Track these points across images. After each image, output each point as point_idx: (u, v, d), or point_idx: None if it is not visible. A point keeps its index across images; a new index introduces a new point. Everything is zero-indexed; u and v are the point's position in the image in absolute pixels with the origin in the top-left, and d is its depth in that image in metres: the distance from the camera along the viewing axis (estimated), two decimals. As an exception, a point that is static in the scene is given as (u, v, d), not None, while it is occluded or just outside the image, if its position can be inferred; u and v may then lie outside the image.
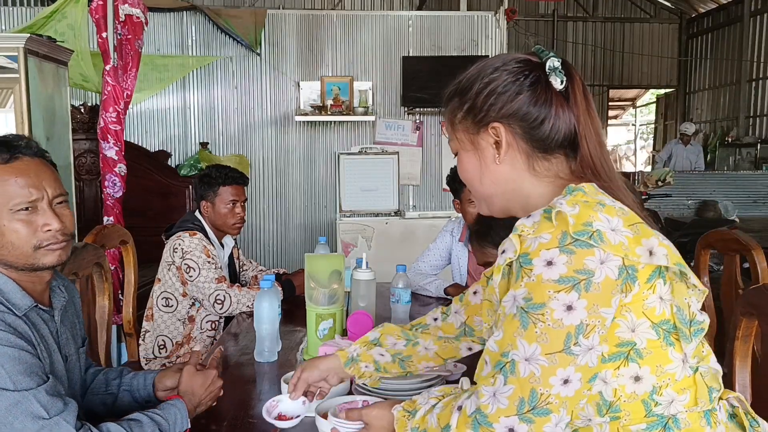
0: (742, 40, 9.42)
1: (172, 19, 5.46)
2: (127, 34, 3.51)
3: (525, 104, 1.03)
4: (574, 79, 1.04)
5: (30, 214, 1.26)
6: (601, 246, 0.88)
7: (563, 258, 0.88)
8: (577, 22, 10.53)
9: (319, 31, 5.57)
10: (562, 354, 0.89)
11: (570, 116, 1.03)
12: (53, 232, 1.28)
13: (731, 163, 9.05)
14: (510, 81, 1.04)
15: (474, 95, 1.09)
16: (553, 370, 0.89)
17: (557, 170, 1.05)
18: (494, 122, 1.05)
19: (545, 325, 0.89)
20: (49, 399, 1.16)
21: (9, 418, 1.13)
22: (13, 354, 1.16)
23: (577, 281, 0.88)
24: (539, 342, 0.89)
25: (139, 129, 5.53)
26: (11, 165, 1.26)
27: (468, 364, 1.80)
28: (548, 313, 0.88)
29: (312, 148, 5.65)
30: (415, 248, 5.08)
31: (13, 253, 1.25)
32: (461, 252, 2.91)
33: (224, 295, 2.46)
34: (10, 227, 1.24)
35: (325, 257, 2.09)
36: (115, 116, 3.46)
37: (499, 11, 5.59)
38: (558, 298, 0.88)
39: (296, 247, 5.65)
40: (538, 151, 1.04)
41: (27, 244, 1.26)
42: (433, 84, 5.44)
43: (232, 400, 1.61)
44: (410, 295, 2.22)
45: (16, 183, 1.25)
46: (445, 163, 5.60)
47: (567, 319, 0.88)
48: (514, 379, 0.90)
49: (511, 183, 1.06)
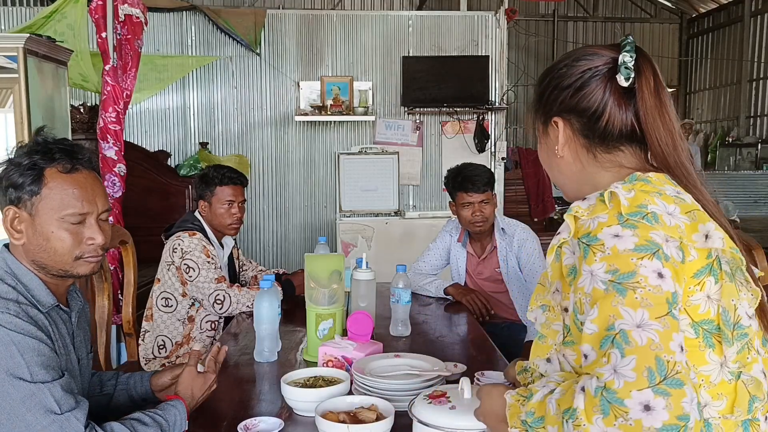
0: (742, 40, 9.41)
1: (171, 19, 5.46)
2: (126, 34, 3.51)
3: (583, 100, 1.04)
4: (643, 75, 1.02)
5: (78, 225, 1.30)
6: (657, 226, 0.89)
7: (628, 231, 0.88)
8: (577, 22, 10.52)
9: (319, 31, 5.56)
10: (670, 318, 0.84)
11: (629, 113, 1.03)
12: (95, 246, 1.33)
13: (732, 163, 9.05)
14: (576, 76, 1.06)
15: (543, 88, 1.11)
16: (669, 335, 0.83)
17: (622, 161, 1.06)
18: (555, 117, 1.08)
19: (645, 290, 0.85)
20: (63, 395, 1.18)
21: (22, 409, 1.15)
22: (33, 345, 1.19)
23: (654, 249, 0.87)
24: (644, 307, 0.84)
25: (138, 129, 5.53)
26: (71, 175, 1.30)
27: (468, 364, 1.80)
28: (643, 280, 0.85)
29: (312, 148, 5.65)
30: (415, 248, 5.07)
31: (53, 259, 1.30)
32: (460, 252, 2.91)
33: (224, 295, 2.46)
34: (58, 234, 1.29)
35: (325, 257, 2.09)
36: (115, 116, 3.46)
37: (499, 11, 5.58)
38: (645, 265, 0.86)
39: (296, 247, 5.65)
40: (597, 145, 1.06)
41: (69, 254, 1.30)
42: (433, 84, 5.45)
43: (232, 400, 1.61)
44: (410, 295, 2.22)
45: (72, 194, 1.29)
46: (445, 163, 5.59)
47: (664, 285, 0.85)
48: (631, 349, 0.82)
49: (577, 173, 1.09)
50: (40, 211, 1.27)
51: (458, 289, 2.76)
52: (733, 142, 9.30)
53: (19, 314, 1.21)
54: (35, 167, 1.27)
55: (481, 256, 2.86)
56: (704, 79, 10.58)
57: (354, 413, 1.34)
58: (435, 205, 5.69)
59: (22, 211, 1.28)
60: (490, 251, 2.83)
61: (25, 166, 1.27)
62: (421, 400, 1.22)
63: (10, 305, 1.22)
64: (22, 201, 1.27)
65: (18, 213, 1.28)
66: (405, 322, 2.20)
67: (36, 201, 1.27)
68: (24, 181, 1.26)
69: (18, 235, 1.29)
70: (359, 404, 1.39)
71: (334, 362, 1.72)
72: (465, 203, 2.73)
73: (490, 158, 5.61)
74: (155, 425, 1.27)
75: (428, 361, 1.66)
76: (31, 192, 1.27)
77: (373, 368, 1.60)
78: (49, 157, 1.28)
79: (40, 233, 1.28)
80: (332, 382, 1.56)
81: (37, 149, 1.29)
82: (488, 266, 2.85)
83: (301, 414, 1.50)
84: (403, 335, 2.18)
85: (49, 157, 1.28)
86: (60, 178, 1.28)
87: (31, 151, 1.28)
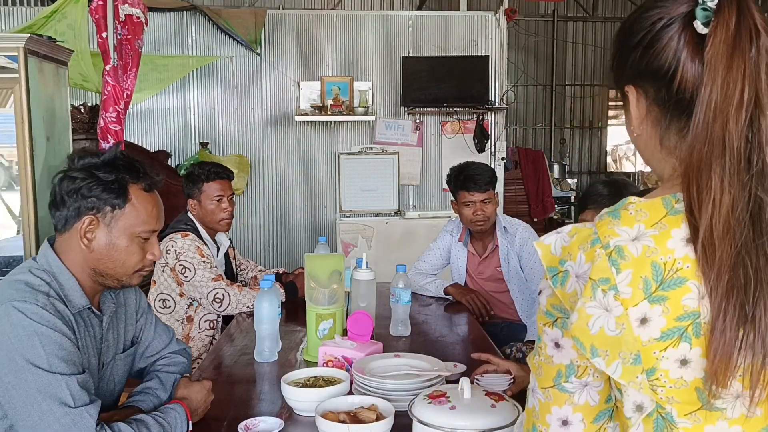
0: (742, 40, 9.42)
1: (172, 19, 5.46)
2: (127, 34, 3.51)
3: (655, 59, 0.79)
4: (722, 14, 0.74)
5: (144, 241, 1.39)
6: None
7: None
8: (577, 22, 10.52)
9: (319, 31, 5.56)
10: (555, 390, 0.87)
11: (698, 68, 0.76)
12: (152, 260, 1.42)
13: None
14: (646, 30, 0.80)
15: (614, 49, 0.88)
16: (547, 407, 0.87)
17: (680, 154, 0.80)
18: (627, 84, 0.85)
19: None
20: (79, 390, 1.20)
21: (38, 398, 1.17)
22: (55, 338, 1.22)
23: (556, 317, 0.83)
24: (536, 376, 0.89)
25: (139, 129, 5.53)
26: (150, 194, 1.40)
27: (468, 364, 1.80)
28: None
29: (312, 148, 5.65)
30: (415, 248, 5.08)
31: (117, 269, 1.37)
32: (460, 252, 2.92)
33: (223, 294, 2.46)
34: (131, 248, 1.37)
35: (325, 257, 2.09)
36: (115, 116, 3.46)
37: (499, 11, 5.58)
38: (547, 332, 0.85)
39: (296, 247, 5.65)
40: (674, 118, 0.81)
41: (133, 266, 1.38)
42: (433, 84, 5.45)
43: (232, 400, 1.61)
44: (410, 295, 2.22)
45: (150, 212, 1.39)
46: (445, 163, 5.59)
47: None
48: (527, 408, 0.87)
49: (649, 154, 0.88)
50: (119, 224, 1.35)
51: (458, 289, 2.76)
52: (733, 142, 9.30)
53: (47, 306, 1.24)
54: (121, 182, 1.35)
55: (482, 255, 2.87)
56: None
57: (354, 413, 1.35)
58: (435, 205, 5.69)
59: (99, 222, 1.34)
60: (492, 250, 2.83)
61: (111, 180, 1.33)
62: (421, 400, 1.23)
63: (40, 297, 1.26)
64: (102, 212, 1.34)
65: (95, 222, 1.34)
66: (405, 322, 2.21)
67: (117, 214, 1.35)
68: (109, 195, 1.33)
69: (86, 242, 1.34)
70: (359, 404, 1.39)
71: (334, 362, 1.72)
72: (467, 202, 2.74)
73: (490, 158, 5.61)
74: (158, 427, 1.29)
75: (428, 361, 1.67)
76: (115, 205, 1.34)
77: (373, 368, 1.61)
78: (135, 175, 1.37)
79: (113, 244, 1.35)
80: (332, 382, 1.56)
81: (122, 165, 1.36)
82: (489, 265, 2.86)
83: (301, 414, 1.50)
84: (403, 335, 2.19)
85: (134, 175, 1.37)
86: (142, 196, 1.37)
87: (118, 166, 1.35)
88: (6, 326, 1.20)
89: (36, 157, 3.17)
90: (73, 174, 1.34)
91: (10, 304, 1.22)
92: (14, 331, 1.20)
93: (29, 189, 3.13)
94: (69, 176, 1.34)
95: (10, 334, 1.20)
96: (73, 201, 1.33)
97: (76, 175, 1.33)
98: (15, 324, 1.20)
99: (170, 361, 1.59)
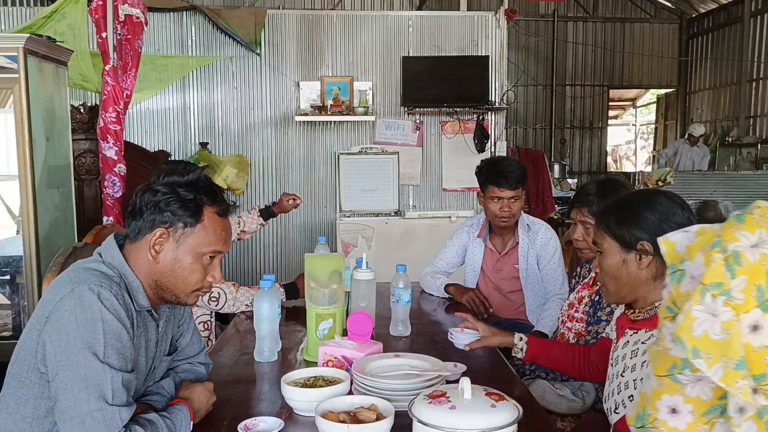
0: (742, 40, 9.41)
1: (172, 19, 5.46)
2: (126, 34, 3.51)
3: None
4: None
5: (208, 263, 1.43)
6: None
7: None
8: (577, 22, 10.52)
9: (319, 31, 5.56)
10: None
11: None
12: (212, 282, 1.45)
13: (731, 164, 9.04)
14: None
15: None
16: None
17: None
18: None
19: None
20: (121, 388, 1.23)
21: (81, 384, 1.20)
22: (117, 329, 1.26)
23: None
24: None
25: (139, 129, 5.53)
26: (222, 219, 1.45)
27: (468, 364, 1.80)
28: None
29: (312, 148, 5.64)
30: (415, 248, 5.10)
31: (177, 285, 1.41)
32: (477, 248, 2.91)
33: (218, 292, 2.44)
34: (194, 266, 1.41)
35: (325, 257, 2.09)
36: (115, 116, 3.46)
37: (499, 11, 5.58)
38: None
39: (296, 247, 5.65)
40: None
41: (193, 285, 1.43)
42: (433, 84, 5.44)
43: (232, 400, 1.61)
44: (410, 295, 2.22)
45: (219, 235, 1.43)
46: (445, 163, 5.59)
47: None
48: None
49: None
50: (187, 242, 1.39)
51: (458, 289, 2.76)
52: (733, 142, 9.30)
53: (117, 296, 1.29)
54: (198, 203, 1.40)
55: (501, 251, 2.87)
56: (704, 79, 10.57)
57: (354, 413, 1.34)
58: (435, 205, 5.69)
59: (170, 236, 1.38)
60: (512, 247, 2.84)
61: (189, 199, 1.39)
62: (421, 400, 1.22)
63: (113, 285, 1.31)
64: (174, 227, 1.38)
65: (166, 236, 1.38)
66: (405, 322, 2.20)
67: (188, 232, 1.39)
68: (185, 212, 1.38)
69: (154, 253, 1.38)
70: (359, 404, 1.39)
71: (334, 362, 1.72)
72: (495, 197, 2.73)
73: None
74: (165, 429, 1.30)
75: (428, 361, 1.66)
76: (187, 223, 1.39)
77: (373, 368, 1.61)
78: (212, 199, 1.42)
79: (178, 260, 1.39)
80: (332, 382, 1.56)
81: (202, 187, 1.41)
82: (508, 262, 2.86)
83: (301, 414, 1.50)
84: (403, 335, 2.19)
85: (212, 198, 1.42)
86: (214, 219, 1.42)
87: (198, 188, 1.40)
88: (77, 307, 1.24)
89: (36, 157, 3.17)
90: (156, 187, 1.39)
91: (87, 285, 1.26)
92: (84, 314, 1.24)
93: (29, 189, 3.13)
94: (152, 189, 1.39)
95: (79, 315, 1.24)
96: (149, 213, 1.38)
97: (159, 189, 1.39)
98: (86, 306, 1.24)
99: (192, 368, 1.61)
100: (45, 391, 1.28)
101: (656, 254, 1.39)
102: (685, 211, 1.45)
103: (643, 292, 1.44)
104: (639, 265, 1.43)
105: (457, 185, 5.64)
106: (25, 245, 3.16)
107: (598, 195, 2.10)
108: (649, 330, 1.44)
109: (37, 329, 1.28)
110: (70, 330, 1.23)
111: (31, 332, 1.29)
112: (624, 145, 15.61)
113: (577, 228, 2.17)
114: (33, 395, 1.29)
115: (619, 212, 1.47)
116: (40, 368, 1.27)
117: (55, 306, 1.26)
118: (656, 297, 1.42)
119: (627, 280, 1.45)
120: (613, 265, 1.46)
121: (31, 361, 1.28)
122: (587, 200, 2.12)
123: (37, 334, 1.27)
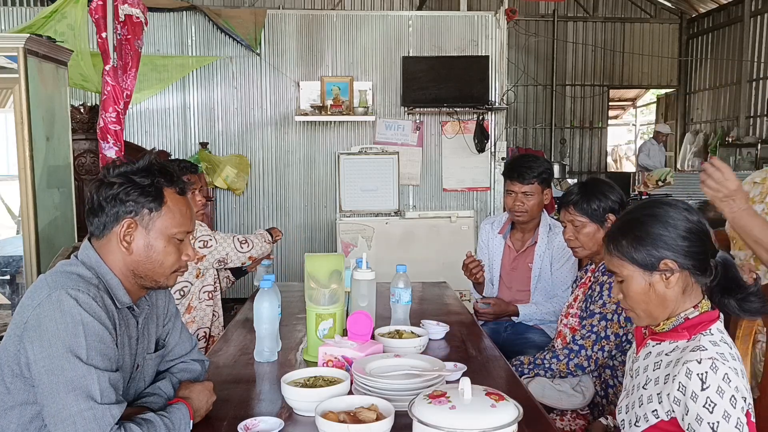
0: (742, 40, 9.41)
1: (172, 19, 5.46)
2: (126, 34, 3.51)
3: None
4: None
5: (180, 243, 1.43)
6: None
7: None
8: (577, 22, 10.52)
9: (319, 31, 5.56)
10: None
11: None
12: (187, 261, 1.46)
13: (731, 164, 9.03)
14: None
15: None
16: None
17: None
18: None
19: None
20: (108, 387, 1.23)
21: (67, 387, 1.19)
22: (98, 330, 1.25)
23: None
24: None
25: (139, 129, 5.53)
26: (183, 197, 1.44)
27: (468, 364, 1.80)
28: None
29: (312, 148, 5.65)
30: (415, 248, 5.10)
31: (155, 270, 1.41)
32: (498, 245, 2.92)
33: (244, 238, 2.66)
34: (167, 249, 1.41)
35: (325, 257, 2.08)
36: (115, 116, 3.46)
37: (499, 11, 5.58)
38: None
39: (296, 247, 5.65)
40: None
41: (170, 267, 1.42)
42: (433, 84, 5.44)
43: (232, 400, 1.61)
44: (410, 294, 2.22)
45: (183, 214, 1.43)
46: (445, 163, 5.60)
47: None
48: None
49: None
50: (156, 226, 1.39)
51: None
52: (733, 142, 9.29)
53: (96, 298, 1.29)
54: (157, 186, 1.39)
55: (519, 249, 2.88)
56: (704, 79, 10.57)
57: (354, 413, 1.34)
58: (435, 205, 5.69)
59: (138, 224, 1.38)
60: (530, 245, 2.86)
61: (148, 184, 1.37)
62: (421, 400, 1.22)
63: (91, 288, 1.30)
64: (140, 215, 1.38)
65: (134, 225, 1.38)
66: (405, 322, 2.20)
67: (155, 216, 1.39)
68: (146, 198, 1.37)
69: (126, 245, 1.38)
70: (359, 404, 1.39)
71: (334, 362, 1.72)
72: (509, 191, 2.82)
73: (490, 158, 5.61)
74: (164, 428, 1.30)
75: (428, 361, 1.66)
76: (152, 208, 1.38)
77: (373, 368, 1.61)
78: (169, 179, 1.41)
79: (151, 246, 1.39)
80: (332, 382, 1.56)
81: (156, 170, 1.40)
82: (523, 261, 2.87)
83: (301, 414, 1.50)
84: (403, 335, 2.18)
85: (169, 179, 1.41)
86: (176, 199, 1.42)
87: (153, 171, 1.39)
88: (56, 312, 1.24)
89: (36, 157, 3.17)
90: (111, 180, 1.37)
91: (65, 290, 1.26)
92: (63, 318, 1.23)
93: (29, 189, 3.13)
94: (107, 183, 1.37)
95: (59, 320, 1.23)
96: (111, 206, 1.37)
97: (114, 181, 1.37)
98: (65, 311, 1.23)
99: (186, 366, 1.60)
100: (30, 396, 1.27)
101: (681, 268, 1.38)
102: (692, 215, 1.43)
103: (674, 306, 1.41)
104: (667, 285, 1.39)
105: (457, 185, 5.65)
106: (25, 245, 3.16)
107: (581, 193, 2.19)
108: (674, 341, 1.40)
109: (17, 335, 1.27)
110: (52, 335, 1.22)
111: (11, 337, 1.28)
112: (624, 145, 15.61)
113: (567, 228, 2.21)
114: (18, 401, 1.28)
115: (631, 234, 1.43)
116: (24, 373, 1.26)
117: (34, 311, 1.25)
118: (684, 308, 1.41)
119: (657, 302, 1.41)
120: (640, 291, 1.41)
121: (14, 368, 1.27)
122: (571, 199, 2.21)
123: (17, 340, 1.26)
